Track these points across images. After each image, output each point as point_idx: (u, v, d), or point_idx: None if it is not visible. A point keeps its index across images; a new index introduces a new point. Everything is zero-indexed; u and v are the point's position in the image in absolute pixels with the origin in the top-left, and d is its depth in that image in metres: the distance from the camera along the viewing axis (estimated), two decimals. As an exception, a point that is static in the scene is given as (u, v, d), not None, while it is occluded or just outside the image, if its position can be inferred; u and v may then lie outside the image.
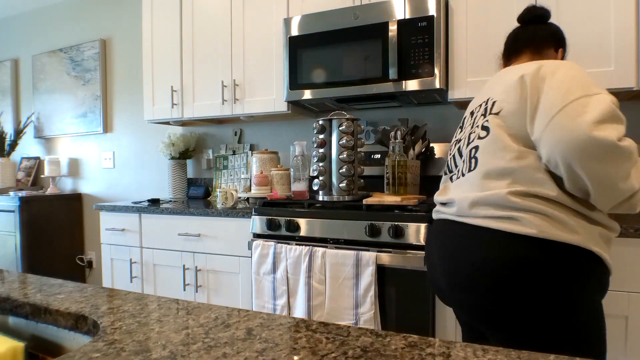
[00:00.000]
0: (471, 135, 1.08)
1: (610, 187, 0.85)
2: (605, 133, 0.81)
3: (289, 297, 1.70)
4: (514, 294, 0.91)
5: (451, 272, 1.01)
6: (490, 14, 1.73)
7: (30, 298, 0.71)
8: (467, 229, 1.00)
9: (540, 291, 0.89)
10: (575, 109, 0.85)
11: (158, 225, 2.17)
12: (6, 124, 3.79)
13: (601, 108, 0.83)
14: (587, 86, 0.88)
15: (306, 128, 2.51)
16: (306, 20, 1.98)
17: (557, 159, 0.86)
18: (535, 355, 0.46)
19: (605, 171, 0.83)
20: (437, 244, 1.10)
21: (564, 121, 0.85)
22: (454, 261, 1.01)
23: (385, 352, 0.48)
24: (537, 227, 0.89)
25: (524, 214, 0.91)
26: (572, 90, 0.87)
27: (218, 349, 0.50)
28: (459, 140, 1.17)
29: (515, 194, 0.92)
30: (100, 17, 3.24)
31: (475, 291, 0.96)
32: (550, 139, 0.87)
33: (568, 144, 0.83)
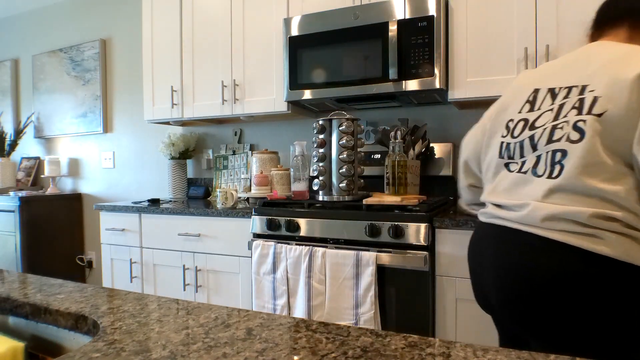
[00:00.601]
0: (556, 131, 0.90)
1: None
2: None
3: (289, 297, 1.70)
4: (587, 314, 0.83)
5: (509, 284, 0.91)
6: (490, 14, 1.73)
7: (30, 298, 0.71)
8: (538, 242, 0.89)
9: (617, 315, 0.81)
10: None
11: (158, 225, 2.17)
12: (6, 124, 3.79)
13: None
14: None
15: (306, 128, 2.51)
16: (306, 20, 1.98)
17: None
18: (535, 356, 0.46)
19: None
20: (492, 252, 0.97)
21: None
22: (517, 273, 0.90)
23: (385, 352, 0.48)
24: (622, 249, 0.81)
25: (608, 234, 0.82)
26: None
27: (218, 349, 0.50)
28: (533, 126, 0.96)
29: (599, 216, 0.83)
30: (100, 17, 3.24)
31: (542, 306, 0.87)
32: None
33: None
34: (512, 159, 0.99)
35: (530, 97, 1.01)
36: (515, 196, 0.95)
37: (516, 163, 0.98)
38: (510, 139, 1.00)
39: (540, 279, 0.86)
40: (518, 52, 1.68)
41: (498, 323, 1.14)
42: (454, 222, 1.50)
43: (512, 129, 1.01)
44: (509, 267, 0.92)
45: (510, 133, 1.01)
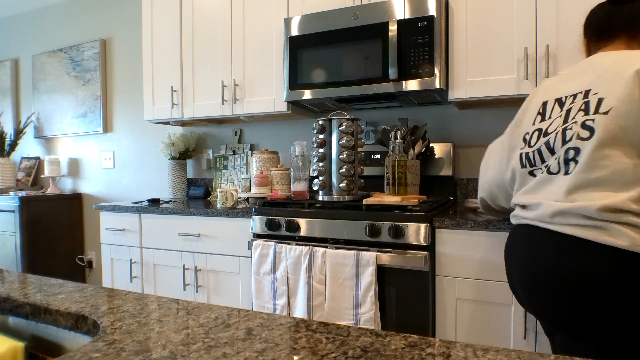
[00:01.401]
0: (567, 132, 0.95)
1: None
2: None
3: (289, 297, 1.70)
4: (599, 308, 0.85)
5: (531, 281, 0.96)
6: (490, 14, 1.73)
7: (30, 298, 0.71)
8: (550, 236, 0.94)
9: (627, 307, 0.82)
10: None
11: (158, 225, 2.17)
12: (6, 124, 3.79)
13: None
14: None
15: (306, 128, 2.51)
16: (306, 20, 1.98)
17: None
18: (535, 356, 0.46)
19: None
20: (518, 250, 1.03)
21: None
22: (535, 269, 0.95)
23: (385, 352, 0.48)
24: (629, 240, 0.82)
25: (615, 225, 0.84)
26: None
27: (218, 349, 0.50)
28: (546, 133, 1.02)
29: (607, 209, 0.85)
30: (100, 17, 3.24)
31: (556, 296, 0.90)
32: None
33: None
34: (535, 166, 1.04)
35: (540, 109, 1.07)
36: (535, 196, 1.01)
37: (540, 169, 1.03)
38: (528, 149, 1.06)
39: (554, 273, 0.90)
40: (518, 52, 1.68)
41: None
42: (454, 222, 1.50)
43: (528, 140, 1.07)
44: (530, 264, 0.97)
45: (528, 144, 1.07)
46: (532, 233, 1.00)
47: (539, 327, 1.42)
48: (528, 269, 0.97)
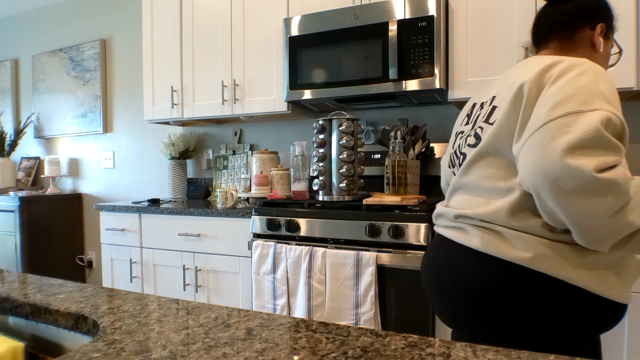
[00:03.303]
0: (468, 138, 0.97)
1: (592, 226, 0.71)
2: (580, 162, 0.68)
3: (289, 297, 1.70)
4: (466, 305, 0.87)
5: (422, 279, 1.05)
6: (490, 14, 1.73)
7: (30, 298, 0.71)
8: (435, 238, 1.03)
9: (490, 311, 0.84)
10: (555, 127, 0.72)
11: (158, 225, 2.17)
12: (6, 124, 3.79)
13: (584, 130, 0.69)
14: (586, 99, 0.73)
15: (306, 128, 2.51)
16: (306, 20, 1.98)
17: (527, 184, 0.76)
18: (534, 355, 0.46)
19: (581, 207, 0.70)
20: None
21: (539, 141, 0.73)
22: (422, 268, 1.05)
23: (385, 352, 0.48)
24: (480, 241, 0.84)
25: (470, 227, 0.87)
26: (562, 104, 0.73)
27: (218, 349, 0.50)
28: (461, 135, 1.03)
29: (461, 216, 0.90)
30: (100, 17, 3.24)
31: (436, 299, 0.97)
32: (523, 160, 0.76)
33: (537, 169, 0.72)
34: (454, 167, 1.05)
35: (469, 111, 1.06)
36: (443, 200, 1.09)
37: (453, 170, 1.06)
38: (451, 150, 1.08)
39: (430, 271, 0.99)
40: (518, 52, 1.68)
41: None
42: (454, 222, 1.50)
43: (453, 141, 1.08)
44: (423, 261, 1.07)
45: (452, 145, 1.08)
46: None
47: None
48: (422, 271, 1.05)
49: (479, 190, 0.89)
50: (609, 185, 0.68)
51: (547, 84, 0.79)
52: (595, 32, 0.94)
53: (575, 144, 0.69)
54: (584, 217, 0.71)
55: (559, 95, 0.75)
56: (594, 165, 0.68)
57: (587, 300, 0.78)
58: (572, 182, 0.69)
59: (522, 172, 0.76)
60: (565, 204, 0.71)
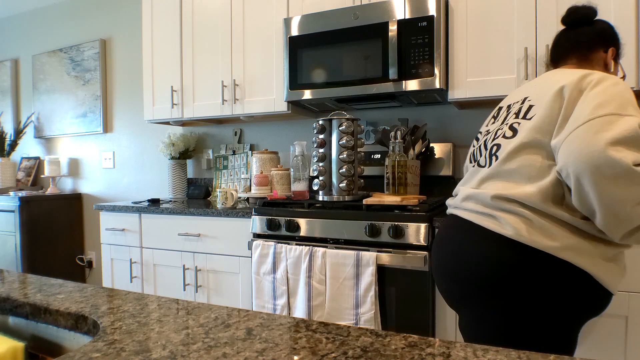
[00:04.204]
0: (498, 132, 1.08)
1: (617, 211, 0.83)
2: (621, 155, 0.80)
3: (289, 297, 1.70)
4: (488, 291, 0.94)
5: (437, 263, 1.09)
6: (490, 14, 1.73)
7: (30, 298, 0.71)
8: (455, 221, 1.06)
9: (510, 294, 0.91)
10: (599, 123, 0.83)
11: (158, 225, 2.17)
12: (6, 124, 3.79)
13: (625, 129, 0.81)
14: (622, 105, 0.86)
15: (306, 128, 2.51)
16: (306, 20, 1.98)
17: (568, 170, 0.85)
18: (535, 356, 0.46)
19: (614, 193, 0.81)
20: (437, 236, 1.16)
21: (584, 134, 0.84)
22: (440, 251, 1.08)
23: (385, 352, 0.48)
24: (513, 229, 0.91)
25: (502, 214, 0.94)
26: (603, 105, 0.86)
27: (218, 349, 0.50)
28: (488, 132, 1.15)
29: (500, 197, 0.95)
30: (100, 17, 3.24)
31: (457, 281, 1.01)
32: (566, 149, 0.86)
33: (581, 157, 0.83)
34: (472, 162, 1.17)
35: (495, 113, 1.21)
36: (462, 186, 1.13)
37: (473, 164, 1.15)
38: (475, 145, 1.20)
39: (450, 256, 1.03)
40: (518, 52, 1.68)
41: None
42: (454, 222, 1.50)
43: (478, 139, 1.20)
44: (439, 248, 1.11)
45: (476, 141, 1.21)
46: (447, 219, 1.14)
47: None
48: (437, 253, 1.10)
49: (518, 177, 0.96)
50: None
51: (587, 88, 0.91)
52: (608, 54, 1.10)
53: (618, 139, 0.81)
54: (614, 203, 0.82)
55: (601, 98, 0.87)
56: (633, 159, 0.80)
57: (591, 287, 0.90)
58: (612, 171, 0.80)
59: (565, 159, 0.86)
60: (601, 189, 0.82)
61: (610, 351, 1.35)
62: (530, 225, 0.90)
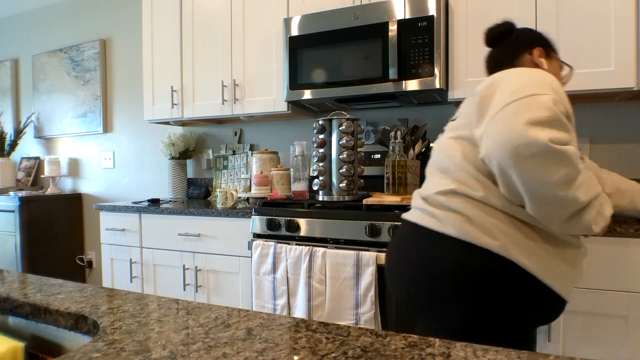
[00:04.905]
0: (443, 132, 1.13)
1: (543, 194, 0.80)
2: (538, 133, 0.78)
3: (289, 297, 1.70)
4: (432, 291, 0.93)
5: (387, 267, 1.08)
6: (490, 14, 1.73)
7: (30, 298, 0.71)
8: (403, 225, 1.06)
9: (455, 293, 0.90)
10: (517, 106, 0.82)
11: (158, 225, 2.17)
12: (6, 124, 3.79)
13: (541, 109, 0.80)
14: (540, 86, 0.85)
15: (306, 128, 2.51)
16: (306, 20, 1.98)
17: (491, 156, 0.84)
18: (535, 356, 0.46)
19: (535, 173, 0.79)
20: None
21: (503, 118, 0.83)
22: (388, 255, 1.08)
23: (385, 352, 0.48)
24: (455, 228, 0.90)
25: (444, 213, 0.93)
26: (521, 89, 0.85)
27: (218, 349, 0.50)
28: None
29: (442, 193, 0.95)
30: (100, 17, 3.24)
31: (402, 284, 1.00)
32: (488, 136, 0.85)
33: (501, 140, 0.81)
34: None
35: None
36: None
37: None
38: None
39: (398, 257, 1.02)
40: (518, 52, 1.68)
41: None
42: (454, 222, 1.50)
43: None
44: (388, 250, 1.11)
45: None
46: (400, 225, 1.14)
47: (538, 327, 1.42)
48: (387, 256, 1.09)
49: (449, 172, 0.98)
50: (560, 156, 0.78)
51: (501, 83, 0.91)
52: (534, 54, 1.09)
53: (534, 119, 0.79)
54: (538, 184, 0.80)
55: (516, 85, 0.86)
56: (550, 136, 0.78)
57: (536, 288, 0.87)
58: (530, 150, 0.78)
59: (488, 146, 0.85)
60: (522, 170, 0.80)
61: (610, 351, 1.35)
62: (469, 222, 0.89)
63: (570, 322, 1.39)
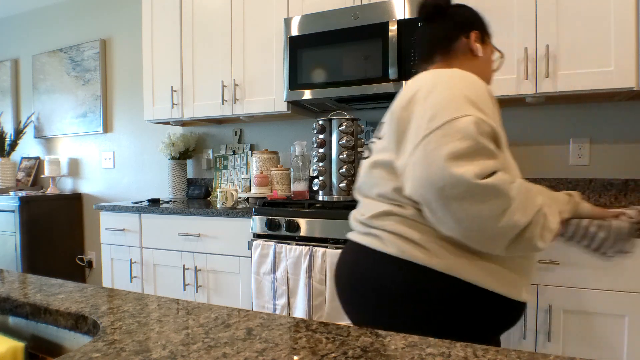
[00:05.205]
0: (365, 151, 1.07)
1: (480, 230, 0.75)
2: (462, 170, 0.72)
3: (289, 297, 1.70)
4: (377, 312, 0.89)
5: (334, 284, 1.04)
6: (490, 14, 1.73)
7: (30, 298, 0.71)
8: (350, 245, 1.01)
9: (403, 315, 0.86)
10: (435, 139, 0.76)
11: (158, 225, 2.17)
12: (6, 124, 3.79)
13: (463, 138, 0.74)
14: (458, 107, 0.77)
15: (306, 128, 2.51)
16: (306, 20, 1.98)
17: (416, 197, 0.79)
18: (535, 356, 0.46)
19: (467, 212, 0.74)
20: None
21: (423, 154, 0.77)
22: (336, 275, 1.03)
23: (385, 352, 0.48)
24: (397, 248, 0.86)
25: (386, 234, 0.89)
26: (438, 115, 0.78)
27: (218, 349, 0.50)
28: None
29: (377, 217, 0.91)
30: (100, 17, 3.24)
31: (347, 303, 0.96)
32: (410, 174, 0.80)
33: (425, 182, 0.76)
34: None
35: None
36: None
37: None
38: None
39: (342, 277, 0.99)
40: (518, 52, 1.68)
41: None
42: (454, 222, 1.50)
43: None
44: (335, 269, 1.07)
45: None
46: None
47: (539, 327, 1.42)
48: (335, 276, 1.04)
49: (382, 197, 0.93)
50: (489, 191, 0.73)
51: (418, 102, 0.84)
52: (471, 38, 1.01)
53: (455, 153, 0.73)
54: (472, 222, 0.75)
55: (433, 109, 0.79)
56: (475, 172, 0.72)
57: (492, 300, 0.84)
58: (456, 190, 0.73)
59: (411, 185, 0.80)
60: (453, 211, 0.75)
61: (610, 351, 1.35)
62: (411, 243, 0.85)
63: (570, 322, 1.39)
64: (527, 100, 1.80)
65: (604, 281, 1.35)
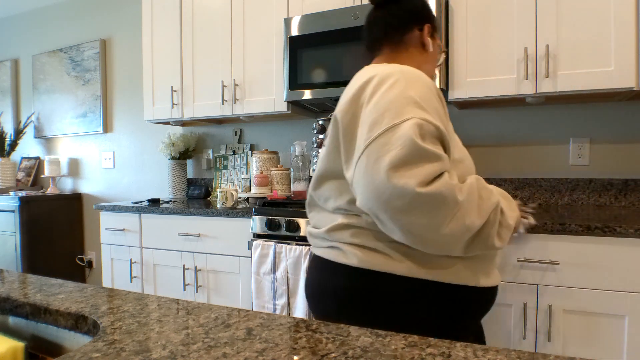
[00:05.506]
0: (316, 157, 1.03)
1: (429, 238, 0.74)
2: (404, 180, 0.70)
3: (289, 297, 1.70)
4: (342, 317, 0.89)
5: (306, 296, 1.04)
6: (490, 14, 1.73)
7: (30, 298, 0.71)
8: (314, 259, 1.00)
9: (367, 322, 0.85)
10: (376, 149, 0.74)
11: (158, 225, 2.17)
12: (6, 124, 3.79)
13: (401, 146, 0.71)
14: (399, 110, 0.75)
15: (306, 128, 2.51)
16: (306, 20, 1.98)
17: (366, 209, 0.77)
18: (535, 356, 0.46)
19: (415, 222, 0.72)
20: None
21: (365, 166, 0.75)
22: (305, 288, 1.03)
23: (385, 352, 0.48)
24: (357, 258, 0.85)
25: (345, 245, 0.88)
26: (379, 122, 0.76)
27: (218, 349, 0.50)
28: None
29: (333, 229, 0.90)
30: (100, 17, 3.24)
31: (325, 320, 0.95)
32: (357, 187, 0.78)
33: (371, 194, 0.74)
34: None
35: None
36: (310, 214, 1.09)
37: None
38: None
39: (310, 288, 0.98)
40: (518, 52, 1.68)
41: None
42: (454, 222, 1.50)
43: None
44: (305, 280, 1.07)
45: None
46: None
47: (539, 327, 1.42)
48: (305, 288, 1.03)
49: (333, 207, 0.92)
50: (434, 199, 0.71)
51: (363, 104, 0.82)
52: (424, 32, 0.97)
53: (396, 162, 0.71)
54: (422, 232, 0.73)
55: (374, 114, 0.77)
56: (417, 181, 0.70)
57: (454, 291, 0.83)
58: (401, 201, 0.71)
59: (359, 198, 0.78)
60: (401, 221, 0.73)
61: (610, 351, 1.35)
62: (370, 250, 0.85)
63: (570, 322, 1.39)
64: (527, 100, 1.80)
65: (604, 281, 1.35)
